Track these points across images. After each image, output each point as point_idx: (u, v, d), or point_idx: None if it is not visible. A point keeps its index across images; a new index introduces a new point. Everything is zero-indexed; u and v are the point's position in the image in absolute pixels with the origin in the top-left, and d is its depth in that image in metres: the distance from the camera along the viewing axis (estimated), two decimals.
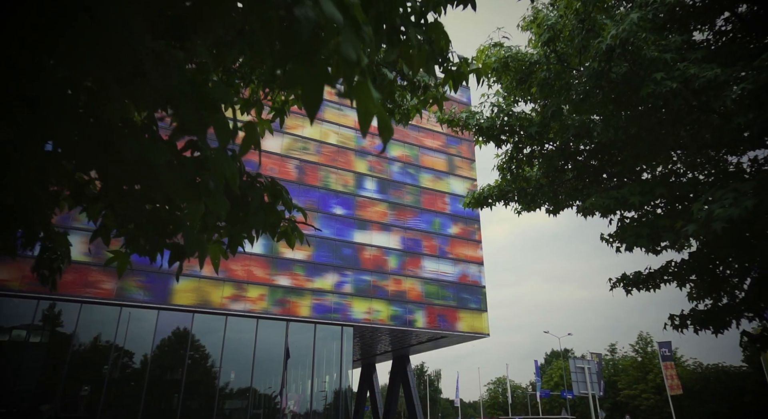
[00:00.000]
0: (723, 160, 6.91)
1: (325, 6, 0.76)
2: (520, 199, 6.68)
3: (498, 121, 6.01)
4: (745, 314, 5.91)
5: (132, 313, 19.37)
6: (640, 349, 50.67)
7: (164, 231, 1.85)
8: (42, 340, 18.63)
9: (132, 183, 1.65)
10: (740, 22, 5.75)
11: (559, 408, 54.69)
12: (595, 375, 29.48)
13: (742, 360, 43.34)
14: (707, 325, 6.03)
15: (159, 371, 19.15)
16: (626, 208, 5.29)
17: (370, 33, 0.90)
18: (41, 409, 17.66)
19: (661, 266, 6.65)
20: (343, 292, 23.11)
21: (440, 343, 28.81)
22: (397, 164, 27.43)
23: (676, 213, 5.41)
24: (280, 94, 3.51)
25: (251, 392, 20.13)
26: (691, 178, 6.29)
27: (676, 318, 6.49)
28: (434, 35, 1.81)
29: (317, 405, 21.52)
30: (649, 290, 6.57)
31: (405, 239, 26.05)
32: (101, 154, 1.47)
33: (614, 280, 7.02)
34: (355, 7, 0.83)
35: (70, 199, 2.56)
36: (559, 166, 6.23)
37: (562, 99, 5.52)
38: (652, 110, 5.14)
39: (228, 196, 2.13)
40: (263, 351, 20.71)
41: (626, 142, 5.56)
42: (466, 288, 26.80)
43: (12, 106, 1.41)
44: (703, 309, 6.36)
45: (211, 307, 20.07)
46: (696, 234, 4.05)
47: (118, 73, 0.94)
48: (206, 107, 1.08)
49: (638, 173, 6.52)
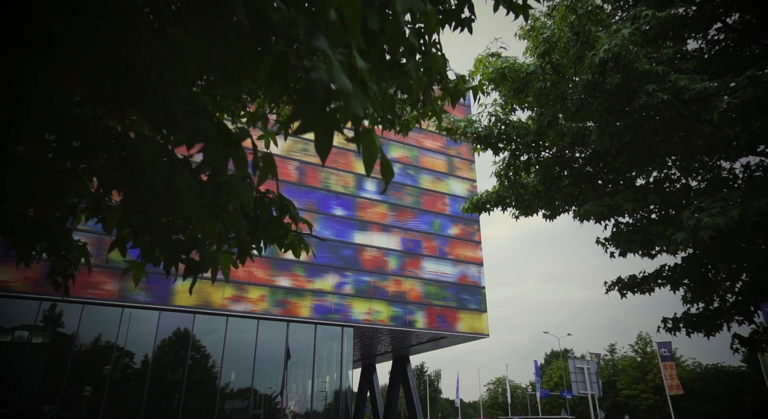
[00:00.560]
0: (717, 165, 7.06)
1: (338, 77, 0.91)
2: (518, 204, 6.82)
3: (495, 129, 6.16)
4: (736, 318, 6.06)
5: (134, 314, 19.49)
6: (639, 349, 50.83)
7: (180, 246, 2.00)
8: (44, 341, 18.73)
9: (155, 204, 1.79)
10: (731, 32, 5.89)
11: (559, 408, 54.83)
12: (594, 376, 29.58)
13: (741, 361, 43.44)
14: (699, 328, 6.18)
15: (160, 371, 19.28)
16: (620, 214, 5.44)
17: (375, 90, 1.04)
18: (44, 410, 17.74)
19: (656, 270, 6.81)
20: (344, 293, 23.23)
21: (440, 344, 28.94)
22: (397, 165, 27.57)
23: (668, 219, 5.56)
24: (285, 108, 3.66)
25: (252, 392, 20.26)
26: (684, 184, 6.44)
27: (668, 322, 6.65)
28: (433, 65, 1.95)
29: (317, 406, 21.65)
30: (643, 293, 6.73)
31: (405, 240, 26.17)
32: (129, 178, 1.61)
33: (610, 283, 7.18)
34: (363, 71, 0.97)
35: (87, 211, 2.72)
36: (555, 172, 6.38)
37: (557, 108, 5.66)
38: (645, 119, 5.28)
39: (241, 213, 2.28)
40: (264, 352, 20.85)
41: (620, 149, 5.71)
42: (466, 288, 26.90)
43: (41, 131, 1.56)
44: (695, 312, 6.51)
45: (212, 308, 20.21)
46: (685, 242, 4.20)
47: (152, 118, 1.08)
48: (230, 145, 1.22)
49: (633, 179, 6.67)
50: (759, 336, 6.26)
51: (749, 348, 6.31)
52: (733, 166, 6.49)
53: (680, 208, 5.53)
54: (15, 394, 17.41)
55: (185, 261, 2.04)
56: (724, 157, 6.45)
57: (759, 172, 6.32)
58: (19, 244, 2.52)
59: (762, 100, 3.84)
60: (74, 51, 1.13)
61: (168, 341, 19.80)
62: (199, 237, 1.89)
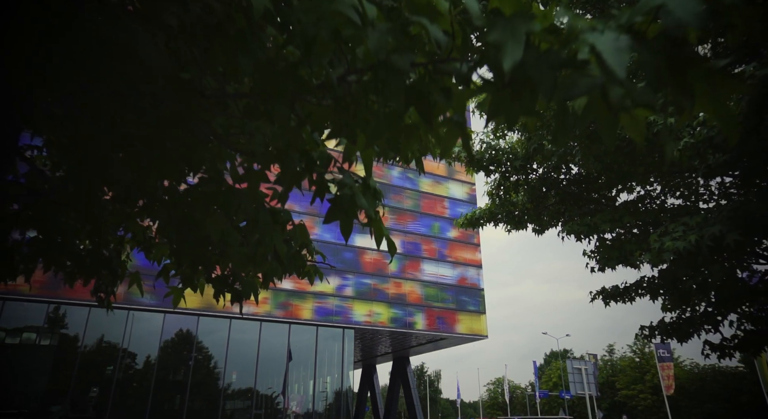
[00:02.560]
0: (696, 182, 7.56)
1: (358, 199, 1.43)
2: (509, 220, 7.38)
3: (486, 154, 6.71)
4: (704, 327, 6.61)
5: (139, 317, 19.86)
6: (637, 350, 51.25)
7: (225, 280, 2.52)
8: (51, 343, 19.03)
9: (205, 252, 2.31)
10: None
11: (558, 408, 55.27)
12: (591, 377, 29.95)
13: (738, 361, 43.76)
14: (672, 336, 6.72)
15: (165, 373, 19.65)
16: (598, 233, 5.97)
17: (381, 195, 1.57)
18: (52, 410, 18.05)
19: (636, 281, 7.34)
20: (345, 295, 23.63)
21: (440, 345, 29.31)
22: (397, 169, 27.99)
23: (643, 237, 6.11)
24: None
25: (254, 393, 20.63)
26: (661, 202, 6.96)
27: (645, 329, 7.19)
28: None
29: (319, 406, 22.02)
30: (625, 302, 7.26)
31: (405, 243, 26.56)
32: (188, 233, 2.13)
33: (595, 293, 7.70)
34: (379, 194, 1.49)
35: (133, 242, 3.27)
36: (542, 192, 6.92)
37: (543, 134, 6.20)
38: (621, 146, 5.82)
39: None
40: (266, 353, 21.21)
41: (601, 171, 6.24)
42: (465, 290, 27.26)
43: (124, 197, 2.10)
44: (669, 321, 7.06)
45: (216, 311, 20.62)
46: (652, 263, 4.72)
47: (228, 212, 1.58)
48: (278, 223, 1.72)
49: (614, 197, 7.20)
50: (727, 342, 6.82)
51: (719, 353, 6.86)
52: (709, 183, 7.02)
53: (656, 226, 6.08)
54: (23, 395, 17.72)
55: (231, 291, 2.56)
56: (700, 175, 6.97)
57: (733, 189, 6.84)
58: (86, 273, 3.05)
59: (713, 140, 4.37)
60: (147, 153, 1.64)
61: (173, 343, 20.18)
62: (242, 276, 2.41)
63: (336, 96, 1.09)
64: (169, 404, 19.39)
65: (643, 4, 0.78)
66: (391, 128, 1.04)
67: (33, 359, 18.37)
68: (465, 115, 1.05)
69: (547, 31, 0.81)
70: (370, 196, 1.46)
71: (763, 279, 5.99)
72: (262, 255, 2.17)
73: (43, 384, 18.04)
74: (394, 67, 0.88)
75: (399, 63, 0.89)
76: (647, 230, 6.43)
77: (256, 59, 0.92)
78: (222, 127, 1.45)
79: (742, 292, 5.70)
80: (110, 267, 2.84)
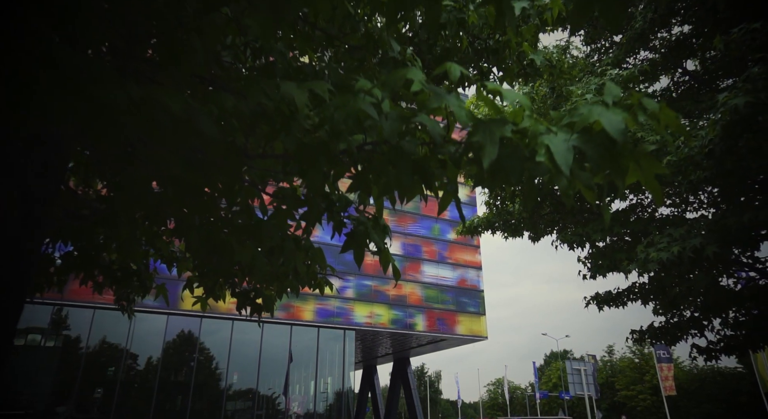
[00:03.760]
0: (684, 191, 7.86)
1: (372, 235, 1.73)
2: (505, 228, 7.68)
3: None
4: (690, 331, 6.91)
5: (142, 318, 20.07)
6: (637, 351, 51.49)
7: (248, 294, 2.83)
8: (56, 344, 19.22)
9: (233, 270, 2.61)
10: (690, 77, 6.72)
11: (558, 409, 55.51)
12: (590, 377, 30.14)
13: (737, 362, 43.93)
14: (660, 340, 7.01)
15: (168, 373, 19.86)
16: (589, 242, 6.27)
17: (389, 230, 1.87)
18: (57, 411, 18.25)
19: (628, 286, 7.64)
20: (346, 297, 23.87)
21: (440, 346, 29.53)
22: None
23: (635, 244, 6.41)
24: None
25: (256, 394, 20.84)
26: (651, 212, 7.27)
27: (635, 333, 7.49)
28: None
29: (320, 406, 22.23)
30: (618, 307, 7.55)
31: (405, 245, 26.77)
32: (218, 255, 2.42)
33: (589, 298, 7.99)
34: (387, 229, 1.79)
35: (156, 256, 3.58)
36: (537, 202, 7.21)
37: None
38: None
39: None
40: (268, 354, 21.42)
41: None
42: (465, 292, 27.47)
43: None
44: (658, 326, 7.36)
45: (219, 312, 20.84)
46: (639, 272, 5.02)
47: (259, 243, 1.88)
48: (300, 250, 2.02)
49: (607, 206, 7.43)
50: (713, 346, 7.12)
51: (705, 356, 7.16)
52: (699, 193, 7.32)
53: (645, 235, 6.38)
54: (29, 396, 17.92)
55: (251, 304, 2.86)
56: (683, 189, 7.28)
57: (720, 197, 7.13)
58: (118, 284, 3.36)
59: (695, 158, 4.68)
60: (190, 190, 1.94)
61: (176, 345, 20.40)
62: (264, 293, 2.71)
63: (355, 160, 1.38)
64: (172, 405, 19.60)
65: (583, 118, 1.08)
66: (399, 187, 1.33)
67: (38, 360, 18.57)
68: (457, 183, 1.35)
69: (515, 132, 1.11)
70: (380, 231, 1.75)
71: (748, 286, 6.29)
72: (284, 273, 2.46)
73: (49, 385, 18.24)
74: (404, 150, 1.18)
75: (407, 147, 1.18)
76: (638, 239, 6.73)
77: (297, 140, 1.22)
78: (258, 176, 1.75)
79: (726, 299, 6.01)
80: (140, 278, 3.14)
